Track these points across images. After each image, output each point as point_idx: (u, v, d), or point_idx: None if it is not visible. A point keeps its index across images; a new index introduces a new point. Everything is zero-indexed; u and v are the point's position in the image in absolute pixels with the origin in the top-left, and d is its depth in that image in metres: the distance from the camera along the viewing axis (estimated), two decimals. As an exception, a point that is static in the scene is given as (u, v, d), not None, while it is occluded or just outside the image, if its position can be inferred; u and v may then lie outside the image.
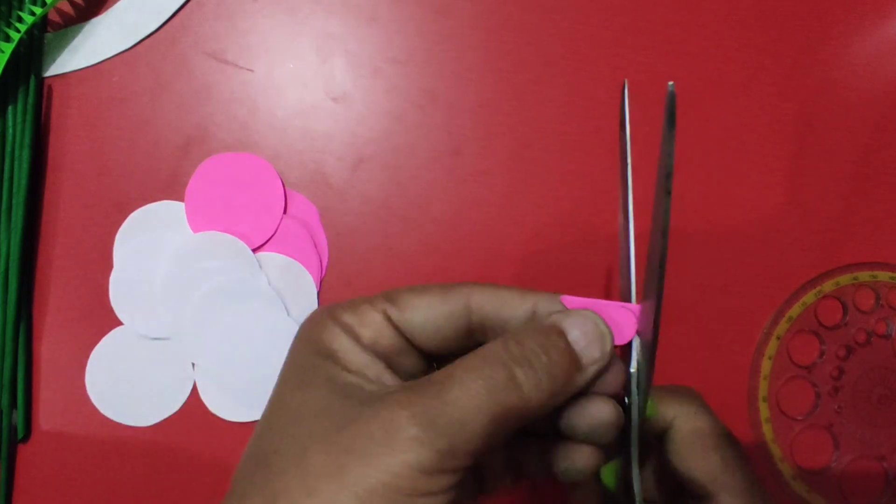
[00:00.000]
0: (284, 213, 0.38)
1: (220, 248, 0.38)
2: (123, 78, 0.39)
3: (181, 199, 0.38)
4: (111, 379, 0.38)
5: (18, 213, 0.37)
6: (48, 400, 0.38)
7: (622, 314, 0.24)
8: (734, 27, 0.39)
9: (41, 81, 0.39)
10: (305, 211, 0.39)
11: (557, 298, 0.24)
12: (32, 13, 0.37)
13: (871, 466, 0.38)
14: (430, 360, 0.25)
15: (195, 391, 0.38)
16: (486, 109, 0.39)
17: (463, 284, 0.24)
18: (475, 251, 0.39)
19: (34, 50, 0.39)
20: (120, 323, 0.38)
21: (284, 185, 0.38)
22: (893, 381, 0.39)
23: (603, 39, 0.39)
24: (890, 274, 0.39)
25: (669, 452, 0.26)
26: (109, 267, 0.38)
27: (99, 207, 0.38)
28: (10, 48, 0.37)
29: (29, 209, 0.38)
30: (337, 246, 0.38)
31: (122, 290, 0.38)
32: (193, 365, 0.38)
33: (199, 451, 0.38)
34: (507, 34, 0.39)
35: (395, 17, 0.39)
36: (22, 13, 0.38)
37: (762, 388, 0.38)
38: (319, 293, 0.38)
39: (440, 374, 0.21)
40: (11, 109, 0.38)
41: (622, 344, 0.24)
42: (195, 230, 0.38)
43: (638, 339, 0.24)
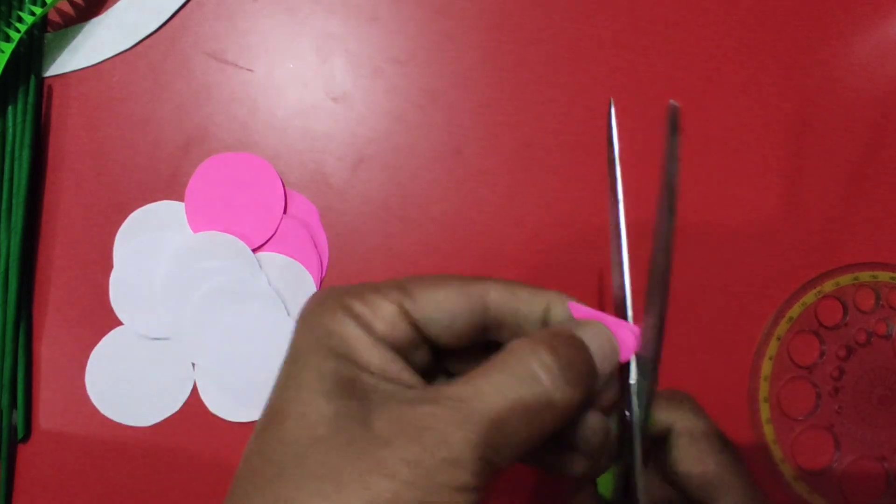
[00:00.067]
0: (284, 213, 0.38)
1: (220, 248, 0.38)
2: (123, 78, 0.39)
3: (181, 199, 0.38)
4: (111, 379, 0.38)
5: (18, 213, 0.37)
6: (48, 400, 0.38)
7: (624, 332, 0.24)
8: (734, 27, 0.39)
9: (41, 81, 0.39)
10: (305, 211, 0.39)
11: (566, 300, 0.24)
12: (32, 13, 0.37)
13: (871, 467, 0.38)
14: (437, 354, 0.24)
15: (195, 391, 0.38)
16: (486, 109, 0.39)
17: (479, 279, 0.24)
18: (475, 251, 0.39)
19: (34, 50, 0.39)
20: (120, 323, 0.38)
21: (284, 185, 0.38)
22: (894, 381, 0.39)
23: (603, 39, 0.39)
24: (890, 274, 0.39)
25: (666, 458, 0.26)
26: (109, 267, 0.38)
27: (99, 207, 0.38)
28: (10, 48, 0.37)
29: (29, 209, 0.38)
30: (337, 246, 0.38)
31: (122, 290, 0.38)
32: (193, 365, 0.38)
33: (199, 451, 0.38)
34: (507, 34, 0.39)
35: (395, 16, 0.39)
36: (22, 13, 0.38)
37: (763, 388, 0.38)
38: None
39: (472, 376, 0.21)
40: (11, 109, 0.38)
41: (623, 362, 0.24)
42: (195, 230, 0.38)
43: (635, 357, 0.24)
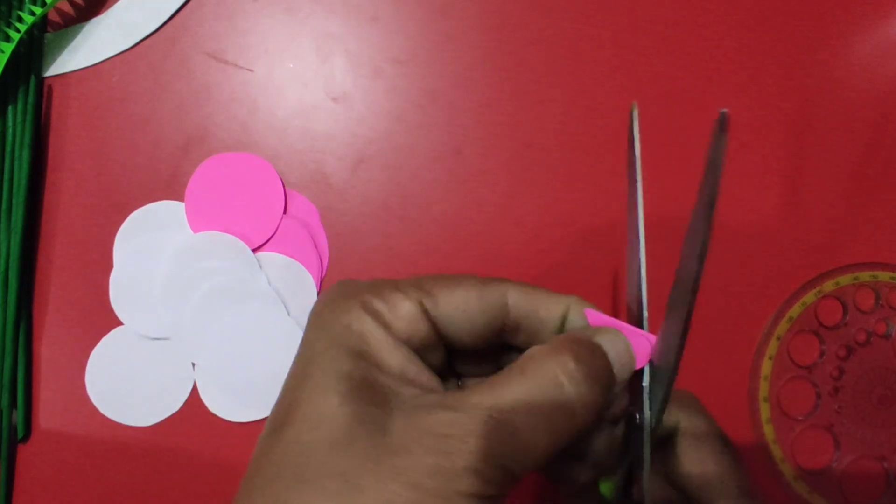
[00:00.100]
0: (284, 213, 0.38)
1: (220, 248, 0.38)
2: (123, 78, 0.39)
3: (181, 199, 0.38)
4: (111, 379, 0.38)
5: (18, 213, 0.37)
6: (48, 400, 0.38)
7: (639, 341, 0.23)
8: (734, 27, 0.39)
9: (41, 81, 0.39)
10: (305, 211, 0.38)
11: (584, 306, 0.23)
12: (32, 13, 0.37)
13: (871, 467, 0.38)
14: (449, 355, 0.24)
15: (195, 391, 0.38)
16: (487, 109, 0.39)
17: (498, 280, 0.23)
18: (475, 251, 0.39)
19: (34, 50, 0.39)
20: (120, 323, 0.38)
21: (284, 185, 0.38)
22: (893, 380, 0.39)
23: (603, 39, 0.39)
24: (890, 274, 0.39)
25: (668, 458, 0.26)
26: (109, 267, 0.38)
27: (99, 207, 0.38)
28: (10, 48, 0.37)
29: (29, 209, 0.38)
30: (337, 246, 0.38)
31: (122, 290, 0.38)
32: (193, 365, 0.38)
33: (199, 451, 0.38)
34: (508, 34, 0.39)
35: (395, 16, 0.39)
36: (22, 13, 0.38)
37: (763, 388, 0.38)
38: (319, 293, 0.38)
39: (493, 383, 0.20)
40: (11, 109, 0.38)
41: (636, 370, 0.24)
42: (195, 230, 0.38)
43: (649, 365, 0.23)
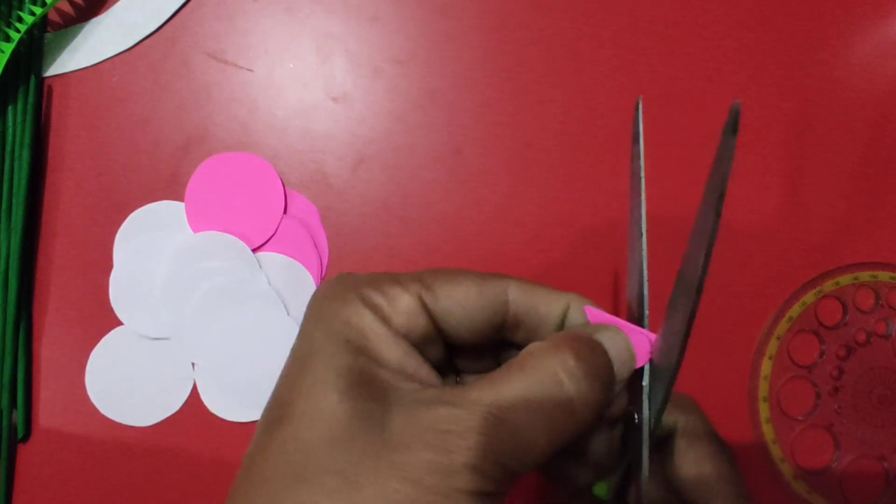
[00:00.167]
0: (284, 213, 0.38)
1: (220, 248, 0.38)
2: (123, 78, 0.39)
3: (181, 199, 0.38)
4: (111, 379, 0.38)
5: (18, 213, 0.37)
6: (48, 400, 0.38)
7: (639, 339, 0.23)
8: (734, 27, 0.39)
9: (41, 81, 0.39)
10: (305, 211, 0.38)
11: (582, 303, 0.23)
12: (32, 13, 0.37)
13: (871, 466, 0.38)
14: (448, 350, 0.24)
15: (195, 391, 0.38)
16: (487, 109, 0.39)
17: (499, 276, 0.23)
18: (475, 251, 0.39)
19: (34, 50, 0.39)
20: (120, 323, 0.38)
21: (284, 185, 0.38)
22: (893, 381, 0.39)
23: (603, 39, 0.39)
24: (890, 274, 0.39)
25: (664, 459, 0.26)
26: (109, 267, 0.38)
27: (99, 207, 0.38)
28: (10, 48, 0.37)
29: (29, 209, 0.38)
30: (337, 246, 0.38)
31: (122, 290, 0.38)
32: (193, 365, 0.38)
33: (199, 451, 0.38)
34: (508, 34, 0.39)
35: (395, 16, 0.39)
36: (22, 13, 0.38)
37: (762, 388, 0.38)
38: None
39: (493, 379, 0.20)
40: (11, 109, 0.38)
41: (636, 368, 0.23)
42: (195, 230, 0.38)
43: (649, 364, 0.23)
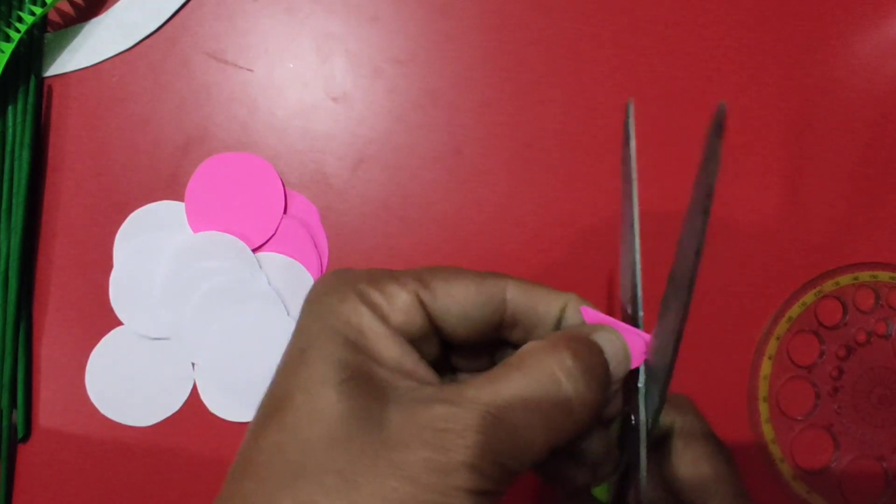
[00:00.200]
0: (284, 213, 0.38)
1: (220, 248, 0.38)
2: (123, 78, 0.39)
3: (181, 199, 0.38)
4: (111, 379, 0.38)
5: (18, 213, 0.37)
6: (48, 400, 0.38)
7: (634, 340, 0.23)
8: (734, 27, 0.39)
9: (41, 81, 0.39)
10: (305, 211, 0.39)
11: (580, 303, 0.23)
12: (32, 13, 0.37)
13: (871, 466, 0.38)
14: (446, 348, 0.24)
15: (195, 391, 0.38)
16: (487, 109, 0.39)
17: (496, 275, 0.23)
18: (475, 251, 0.39)
19: (34, 50, 0.39)
20: (120, 323, 0.38)
21: (284, 185, 0.38)
22: (893, 381, 0.39)
23: (603, 39, 0.39)
24: (890, 274, 0.39)
25: (662, 460, 0.26)
26: (109, 267, 0.38)
27: (99, 207, 0.38)
28: (10, 48, 0.37)
29: (29, 209, 0.38)
30: (337, 246, 0.38)
31: (122, 290, 0.38)
32: (193, 365, 0.38)
33: (199, 451, 0.38)
34: (508, 34, 0.39)
35: (395, 16, 0.39)
36: (22, 13, 0.38)
37: (762, 388, 0.38)
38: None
39: (490, 378, 0.20)
40: (11, 109, 0.38)
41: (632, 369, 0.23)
42: (195, 230, 0.38)
43: (644, 365, 0.23)
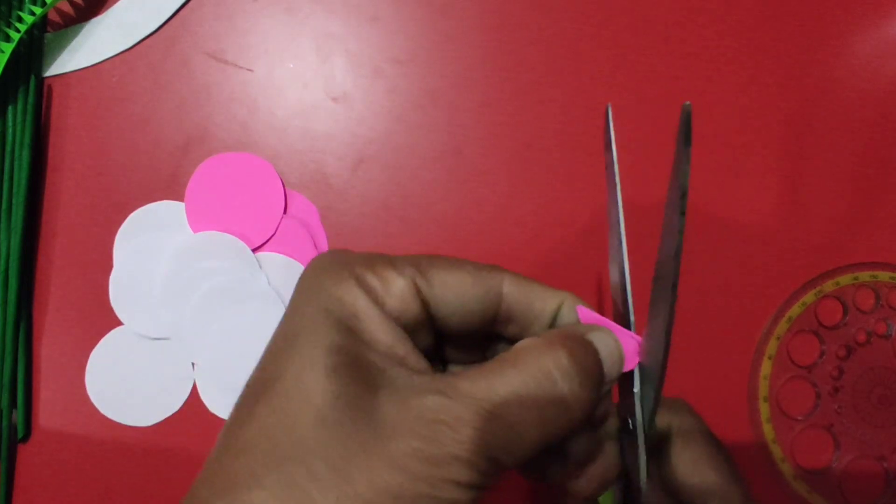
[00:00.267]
0: (284, 213, 0.38)
1: (220, 248, 0.38)
2: (123, 78, 0.39)
3: (181, 199, 0.38)
4: (111, 379, 0.38)
5: (18, 213, 0.37)
6: (48, 400, 0.38)
7: (628, 342, 0.23)
8: (734, 27, 0.39)
9: (41, 81, 0.39)
10: (305, 211, 0.39)
11: (576, 302, 0.23)
12: (32, 13, 0.37)
13: (871, 466, 0.38)
14: (439, 338, 0.23)
15: (195, 391, 0.38)
16: (487, 109, 0.39)
17: (494, 268, 0.23)
18: (475, 251, 0.39)
19: (34, 50, 0.39)
20: (120, 323, 0.38)
21: (284, 185, 0.38)
22: (893, 381, 0.39)
23: (604, 39, 0.39)
24: (890, 274, 0.39)
25: (662, 464, 0.26)
26: (109, 267, 0.38)
27: (99, 207, 0.38)
28: (10, 48, 0.37)
29: (29, 209, 0.38)
30: (337, 246, 0.38)
31: (122, 290, 0.38)
32: (193, 365, 0.38)
33: (199, 451, 0.38)
34: (508, 34, 0.39)
35: (395, 16, 0.39)
36: (22, 13, 0.38)
37: (762, 388, 0.38)
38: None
39: (485, 371, 0.20)
40: (11, 109, 0.38)
41: (625, 371, 0.23)
42: (195, 230, 0.38)
43: (638, 367, 0.23)
